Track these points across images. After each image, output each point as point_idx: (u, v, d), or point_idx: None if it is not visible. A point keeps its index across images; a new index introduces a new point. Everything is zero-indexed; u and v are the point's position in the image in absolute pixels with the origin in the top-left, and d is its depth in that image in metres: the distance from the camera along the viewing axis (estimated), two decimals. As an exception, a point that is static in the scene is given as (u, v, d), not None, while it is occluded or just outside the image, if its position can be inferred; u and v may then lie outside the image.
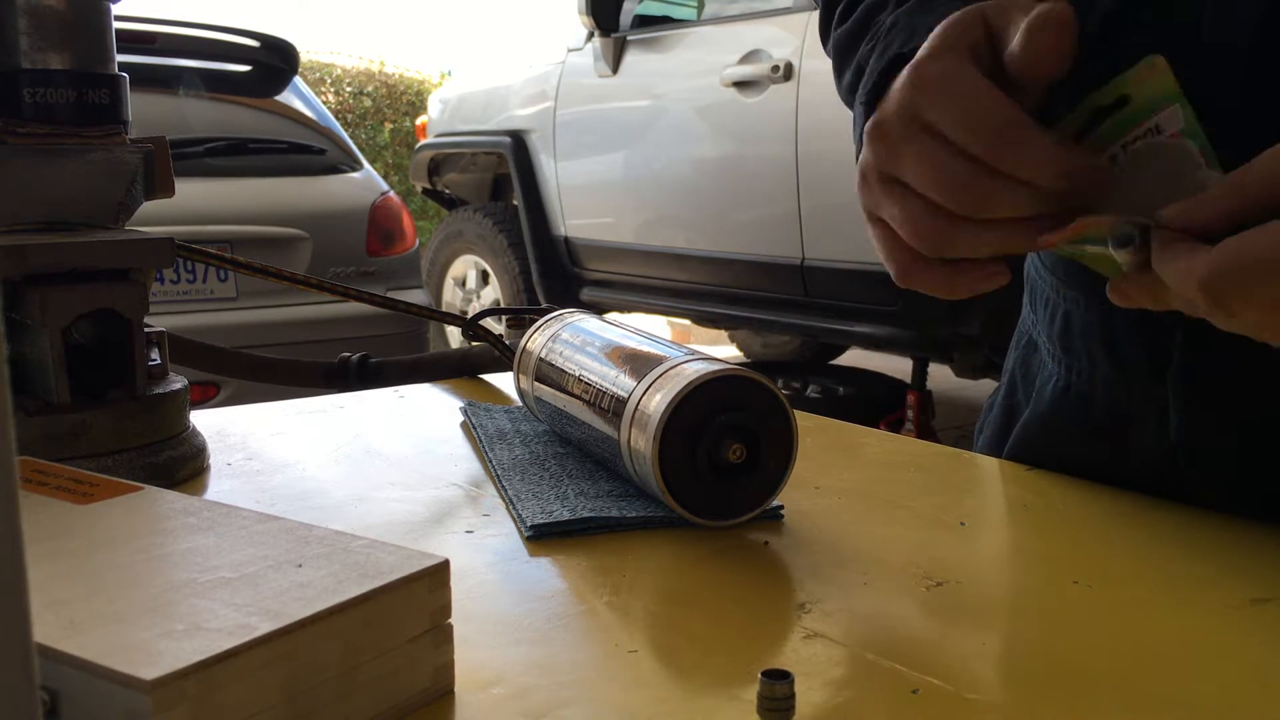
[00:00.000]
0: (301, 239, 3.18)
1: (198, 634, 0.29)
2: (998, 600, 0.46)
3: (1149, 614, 0.44)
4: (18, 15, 0.56)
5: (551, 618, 0.42)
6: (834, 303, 3.15)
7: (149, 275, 0.58)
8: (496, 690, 0.36)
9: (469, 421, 0.70)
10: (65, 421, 0.54)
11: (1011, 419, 0.71)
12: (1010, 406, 0.72)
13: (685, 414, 0.50)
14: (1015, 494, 0.62)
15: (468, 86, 4.79)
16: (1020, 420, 0.69)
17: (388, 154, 9.02)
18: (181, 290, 2.96)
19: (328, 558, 0.35)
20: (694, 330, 5.16)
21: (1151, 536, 0.54)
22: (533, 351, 0.64)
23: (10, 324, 0.55)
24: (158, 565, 0.34)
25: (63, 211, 0.59)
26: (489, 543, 0.50)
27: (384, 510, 0.55)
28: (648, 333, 0.60)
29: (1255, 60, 0.49)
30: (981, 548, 0.53)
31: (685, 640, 0.41)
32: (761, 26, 3.30)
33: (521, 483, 0.57)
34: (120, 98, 0.60)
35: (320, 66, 9.21)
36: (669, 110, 3.62)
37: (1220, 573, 0.49)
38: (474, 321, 0.82)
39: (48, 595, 0.31)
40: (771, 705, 0.32)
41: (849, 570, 0.47)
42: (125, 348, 0.57)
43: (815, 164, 3.07)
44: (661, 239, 3.70)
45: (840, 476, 0.63)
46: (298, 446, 0.67)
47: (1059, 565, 0.50)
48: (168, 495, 0.41)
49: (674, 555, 0.49)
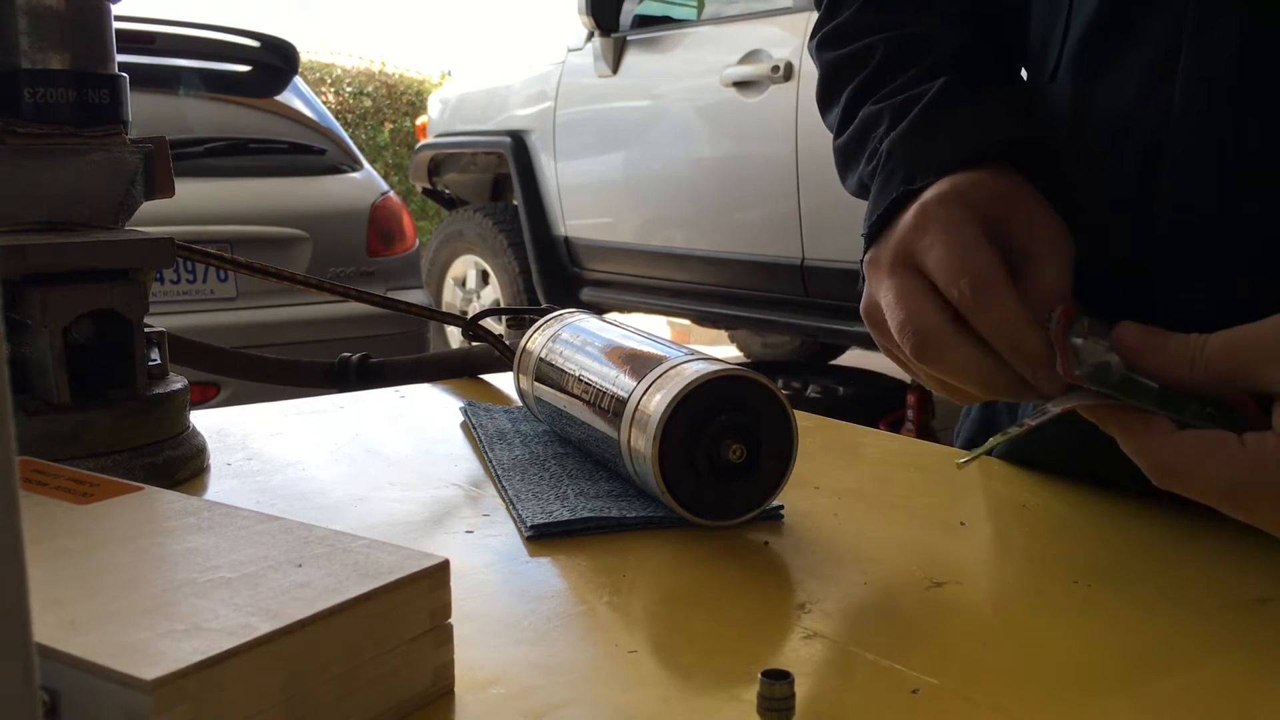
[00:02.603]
0: (301, 239, 3.18)
1: (198, 634, 0.29)
2: (998, 600, 0.46)
3: (1149, 614, 0.44)
4: (18, 15, 0.56)
5: (551, 618, 0.42)
6: (834, 303, 3.15)
7: (149, 275, 0.58)
8: (496, 690, 0.36)
9: (469, 421, 0.70)
10: (65, 421, 0.54)
11: (990, 423, 0.70)
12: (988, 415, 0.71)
13: (685, 414, 0.50)
14: (1015, 494, 0.62)
15: (468, 86, 4.79)
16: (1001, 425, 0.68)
17: (388, 154, 9.02)
18: (181, 290, 2.95)
19: (328, 558, 0.35)
20: (694, 330, 5.15)
21: (1151, 536, 0.54)
22: (533, 351, 0.64)
23: (10, 324, 0.55)
24: (158, 565, 0.34)
25: (63, 211, 0.59)
26: (489, 543, 0.50)
27: (384, 510, 0.55)
28: (648, 333, 0.60)
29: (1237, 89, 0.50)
30: (981, 548, 0.53)
31: (685, 640, 0.41)
32: (761, 26, 3.30)
33: (521, 483, 0.57)
34: (120, 98, 0.60)
35: (320, 66, 9.21)
36: (669, 110, 3.62)
37: (1220, 573, 0.49)
38: (474, 321, 0.82)
39: (48, 595, 0.31)
40: (771, 705, 0.32)
41: (849, 570, 0.47)
42: (125, 348, 0.57)
43: (815, 164, 3.07)
44: (661, 239, 3.70)
45: (840, 476, 0.63)
46: (298, 446, 0.67)
47: (1058, 565, 0.50)
48: (168, 495, 0.41)
49: (674, 555, 0.49)
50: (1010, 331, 0.44)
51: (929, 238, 0.46)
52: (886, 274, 0.48)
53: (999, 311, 0.44)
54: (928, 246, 0.46)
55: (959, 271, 0.44)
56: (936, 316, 0.45)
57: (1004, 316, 0.44)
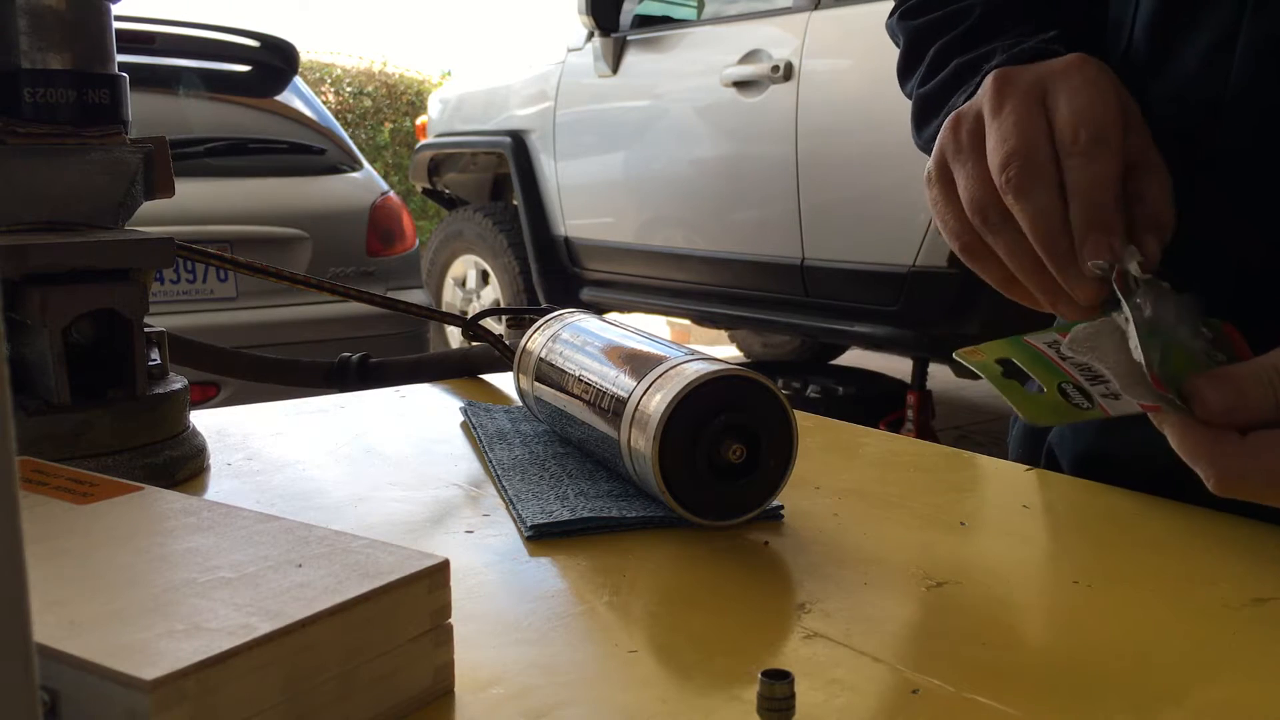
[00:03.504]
0: (301, 239, 3.18)
1: (198, 634, 0.29)
2: (998, 600, 0.46)
3: (1149, 614, 0.44)
4: (18, 15, 0.56)
5: (551, 618, 0.42)
6: (834, 303, 3.15)
7: (149, 275, 0.58)
8: (496, 690, 0.36)
9: (469, 421, 0.70)
10: (65, 421, 0.54)
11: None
12: None
13: (685, 414, 0.50)
14: (1015, 494, 0.62)
15: (468, 86, 4.79)
16: None
17: (388, 154, 9.02)
18: (181, 290, 2.95)
19: (328, 558, 0.35)
20: (694, 330, 5.16)
21: (1151, 536, 0.54)
22: (533, 351, 0.64)
23: (10, 324, 0.55)
24: (158, 565, 0.34)
25: (63, 211, 0.59)
26: (489, 543, 0.50)
27: (384, 510, 0.55)
28: (648, 333, 0.60)
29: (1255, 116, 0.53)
30: (981, 548, 0.53)
31: (685, 640, 0.41)
32: (761, 26, 3.30)
33: (521, 483, 0.57)
34: (120, 98, 0.60)
35: (320, 66, 9.21)
36: (669, 110, 3.62)
37: (1220, 573, 0.49)
38: (474, 321, 0.82)
39: (48, 595, 0.31)
40: (771, 705, 0.32)
41: (849, 570, 0.47)
42: (125, 348, 0.57)
43: (815, 164, 3.07)
44: (661, 239, 3.70)
45: (840, 476, 0.63)
46: (298, 446, 0.67)
47: (1059, 565, 0.50)
48: (168, 495, 0.41)
49: (674, 555, 0.49)
50: (1103, 188, 0.45)
51: (1076, 79, 0.47)
52: (1016, 100, 0.48)
53: (1102, 167, 0.45)
54: (1071, 85, 0.47)
55: (1089, 117, 0.46)
56: (1047, 151, 0.46)
57: (1103, 172, 0.45)
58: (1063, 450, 0.67)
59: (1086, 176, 0.45)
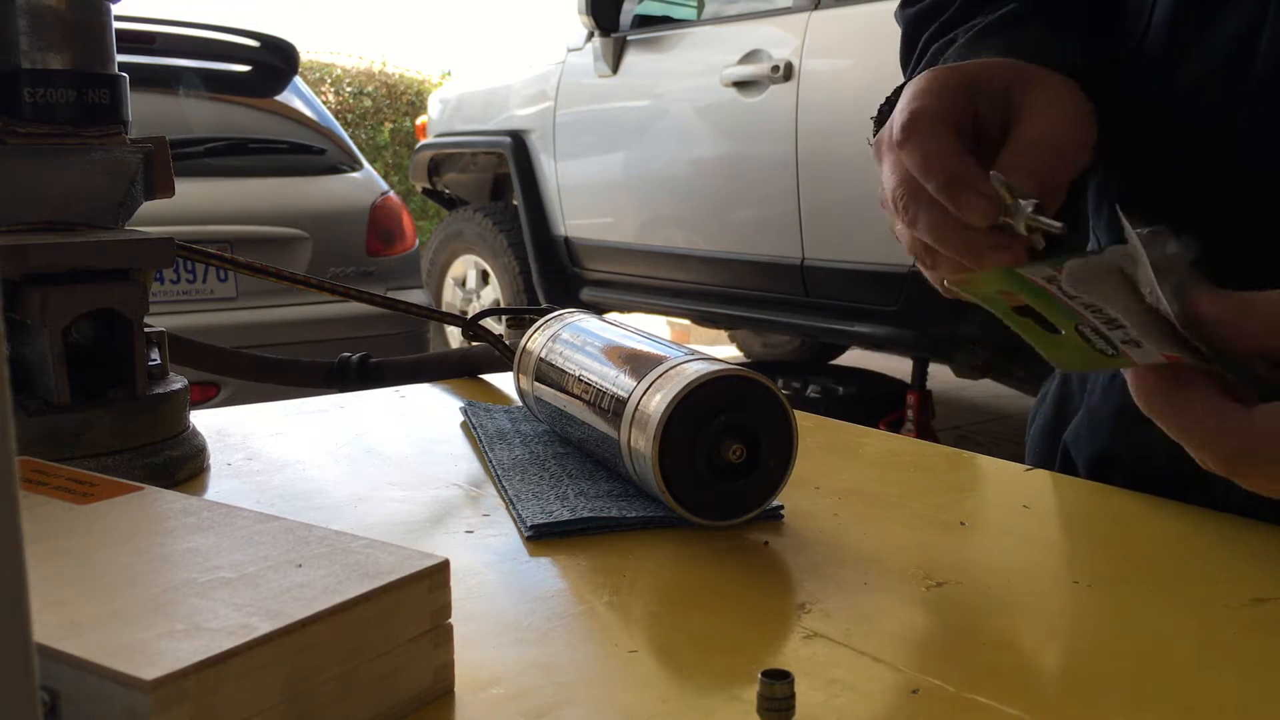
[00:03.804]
0: (301, 239, 3.18)
1: (198, 634, 0.29)
2: (998, 600, 0.46)
3: (1149, 614, 0.44)
4: (18, 15, 0.56)
5: (551, 618, 0.42)
6: (834, 303, 3.14)
7: (149, 275, 0.58)
8: (496, 690, 0.36)
9: (469, 421, 0.70)
10: (65, 421, 0.54)
11: (1065, 406, 0.71)
12: (1064, 395, 0.72)
13: (685, 414, 0.50)
14: (1015, 494, 0.62)
15: (468, 86, 4.79)
16: (1083, 406, 0.68)
17: (388, 154, 9.02)
18: (181, 290, 2.96)
19: (328, 558, 0.35)
20: (694, 330, 5.16)
21: (1152, 536, 0.54)
22: (533, 351, 0.64)
23: (10, 324, 0.55)
24: (158, 565, 0.34)
25: (63, 211, 0.59)
26: (489, 543, 0.50)
27: (384, 510, 0.55)
28: (648, 333, 0.60)
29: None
30: (981, 548, 0.53)
31: (685, 640, 0.41)
32: (761, 26, 3.30)
33: (521, 483, 0.57)
34: (120, 98, 0.60)
35: (320, 66, 9.21)
36: (669, 110, 3.62)
37: (1220, 573, 0.49)
38: (474, 321, 0.82)
39: (48, 595, 0.31)
40: (771, 705, 0.32)
41: (849, 570, 0.47)
42: (125, 348, 0.57)
43: (815, 164, 3.07)
44: (661, 239, 3.70)
45: (840, 476, 0.63)
46: (298, 446, 0.67)
47: (1059, 565, 0.50)
48: (168, 495, 0.41)
49: (674, 555, 0.49)
50: (936, 157, 0.46)
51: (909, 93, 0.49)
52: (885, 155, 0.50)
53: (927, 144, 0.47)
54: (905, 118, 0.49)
55: (901, 121, 0.48)
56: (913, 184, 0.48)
57: (930, 148, 0.47)
58: (1079, 450, 0.67)
59: (915, 159, 0.46)
